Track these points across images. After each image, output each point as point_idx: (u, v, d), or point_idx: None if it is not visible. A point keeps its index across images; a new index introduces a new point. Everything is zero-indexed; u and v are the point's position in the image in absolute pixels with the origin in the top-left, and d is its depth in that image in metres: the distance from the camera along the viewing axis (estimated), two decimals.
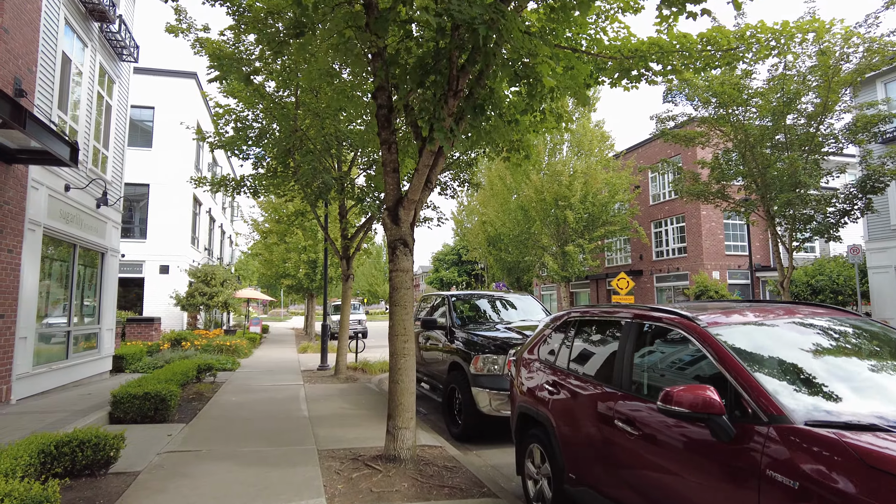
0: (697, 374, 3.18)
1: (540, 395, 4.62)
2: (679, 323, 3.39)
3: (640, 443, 3.28)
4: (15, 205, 8.00)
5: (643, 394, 3.48)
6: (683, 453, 2.94)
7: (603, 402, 3.75)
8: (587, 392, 3.99)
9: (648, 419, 3.26)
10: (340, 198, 12.32)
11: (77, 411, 7.30)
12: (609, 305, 4.42)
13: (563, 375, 4.40)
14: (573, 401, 4.12)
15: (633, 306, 4.01)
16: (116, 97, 12.46)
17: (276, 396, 9.89)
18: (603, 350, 4.21)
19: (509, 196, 31.58)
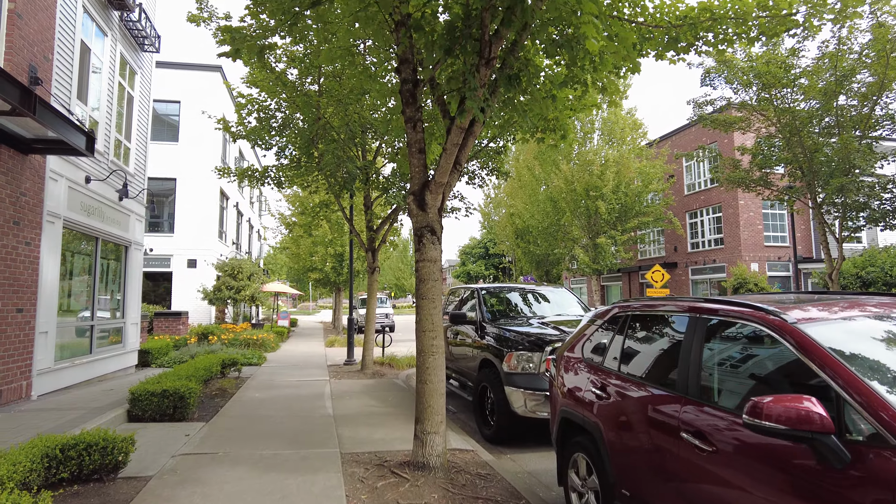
0: (787, 381, 2.63)
1: (586, 399, 4.11)
2: (761, 319, 2.83)
3: (713, 461, 2.76)
4: (32, 196, 7.78)
5: (714, 401, 2.95)
6: (772, 478, 2.41)
7: (664, 409, 3.23)
8: (644, 397, 3.47)
9: (725, 433, 2.73)
10: (365, 188, 11.92)
11: (95, 409, 7.05)
12: (668, 298, 3.87)
13: (614, 378, 3.88)
14: (627, 407, 3.60)
15: (700, 299, 3.46)
16: (138, 88, 12.26)
17: (301, 393, 9.56)
18: (661, 349, 3.67)
19: (538, 187, 30.88)
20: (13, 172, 7.30)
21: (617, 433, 3.66)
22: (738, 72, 16.24)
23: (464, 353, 8.41)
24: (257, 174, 12.68)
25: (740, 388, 2.89)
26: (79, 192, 9.29)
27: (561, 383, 4.67)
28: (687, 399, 3.08)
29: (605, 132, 28.19)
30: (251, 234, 35.54)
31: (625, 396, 3.66)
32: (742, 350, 3.06)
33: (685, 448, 2.96)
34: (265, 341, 17.66)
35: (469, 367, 8.12)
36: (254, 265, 22.86)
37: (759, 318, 2.87)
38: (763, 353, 2.90)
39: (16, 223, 7.37)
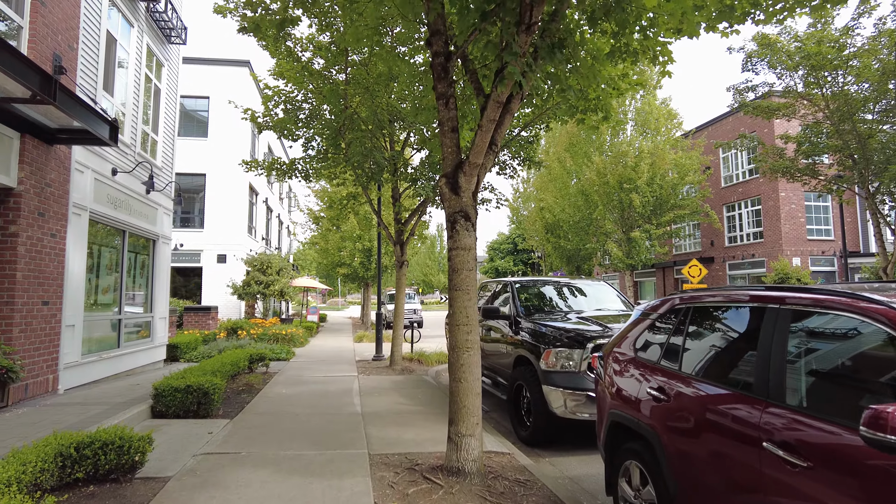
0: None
1: (640, 401, 3.68)
2: (864, 310, 2.37)
3: (808, 479, 2.31)
4: (57, 187, 7.66)
5: (806, 407, 2.49)
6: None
7: (739, 415, 2.78)
8: (712, 401, 3.02)
9: (826, 447, 2.28)
10: (393, 179, 11.61)
11: (119, 404, 6.89)
12: (740, 287, 3.40)
13: (674, 378, 3.44)
14: (691, 411, 3.16)
15: (784, 287, 2.99)
16: (165, 81, 12.16)
17: (329, 389, 9.30)
18: (733, 346, 3.22)
19: (568, 180, 30.16)
20: (38, 163, 7.17)
21: (679, 440, 3.23)
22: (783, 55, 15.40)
23: (496, 349, 8.01)
24: (284, 167, 12.47)
25: (839, 392, 2.43)
26: (105, 184, 9.18)
27: (609, 383, 4.24)
28: (769, 403, 2.63)
29: (638, 123, 27.33)
30: (281, 229, 35.69)
31: (688, 399, 3.22)
32: (837, 345, 2.60)
33: (768, 461, 2.52)
34: (294, 336, 17.55)
35: (502, 363, 7.72)
36: (283, 260, 22.83)
37: (860, 309, 2.40)
38: (864, 349, 2.43)
39: (41, 214, 7.25)
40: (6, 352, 6.50)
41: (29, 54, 7.04)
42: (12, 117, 6.69)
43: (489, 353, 8.29)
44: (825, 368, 2.60)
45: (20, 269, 6.80)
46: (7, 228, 6.76)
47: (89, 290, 8.99)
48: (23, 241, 6.85)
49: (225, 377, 8.79)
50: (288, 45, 10.76)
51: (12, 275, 6.71)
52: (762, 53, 16.02)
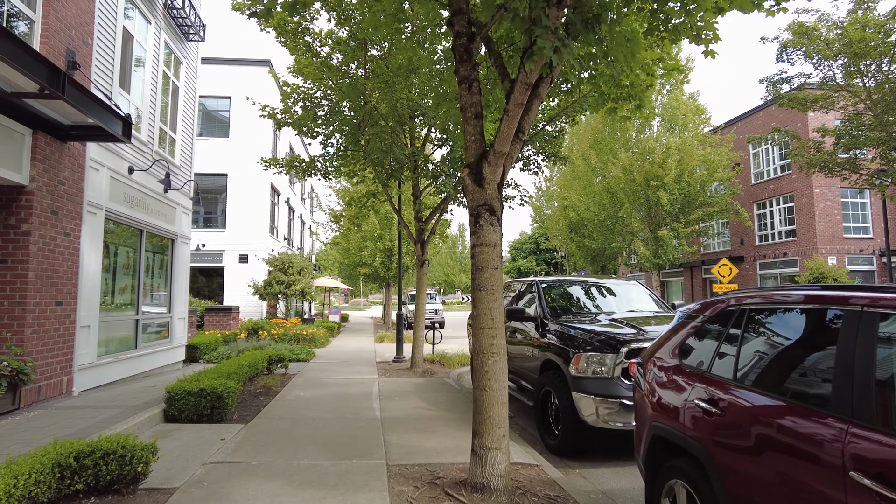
0: None
1: (687, 413, 3.27)
2: None
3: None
4: (71, 185, 7.51)
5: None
6: None
7: (815, 436, 2.37)
8: (778, 417, 2.61)
9: None
10: (414, 177, 11.29)
11: (132, 407, 6.68)
12: (806, 286, 2.98)
13: (728, 388, 3.03)
14: (751, 428, 2.75)
15: (865, 287, 2.57)
16: (184, 79, 12.04)
17: (348, 392, 9.02)
18: (803, 354, 2.80)
19: (593, 178, 29.54)
20: (50, 160, 7.02)
21: (735, 460, 2.82)
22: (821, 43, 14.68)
23: (522, 352, 7.62)
24: (304, 165, 12.26)
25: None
26: (122, 182, 9.04)
27: (650, 392, 3.84)
28: (855, 423, 2.22)
29: (665, 118, 26.61)
30: (303, 229, 35.73)
31: (747, 413, 2.81)
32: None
33: (858, 494, 2.11)
34: (315, 337, 17.37)
35: (528, 367, 7.34)
36: (304, 260, 22.72)
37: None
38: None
39: (54, 213, 7.09)
40: (17, 353, 6.34)
41: (41, 49, 6.89)
42: (24, 113, 6.53)
43: (514, 356, 7.91)
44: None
45: (32, 268, 6.64)
46: (19, 227, 6.60)
47: (105, 291, 8.85)
48: (35, 240, 6.70)
49: (241, 380, 8.57)
50: (306, 39, 10.55)
51: (24, 274, 6.56)
52: (798, 42, 15.32)
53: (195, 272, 23.11)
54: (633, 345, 5.64)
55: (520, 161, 11.79)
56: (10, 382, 6.12)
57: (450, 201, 11.39)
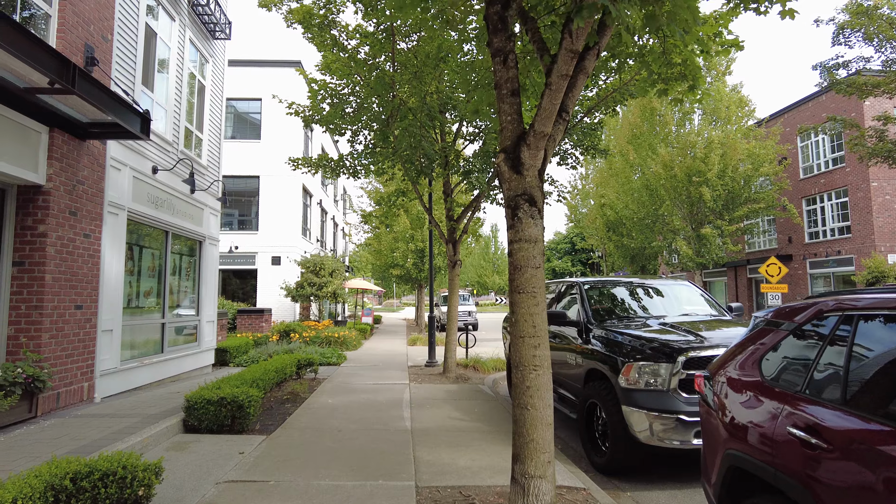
0: None
1: (777, 442, 2.66)
2: None
3: None
4: (91, 185, 7.27)
5: None
6: None
7: None
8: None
9: None
10: (444, 173, 10.79)
11: (150, 416, 6.36)
12: None
13: (835, 415, 2.41)
14: (874, 469, 2.14)
15: None
16: (210, 78, 11.83)
17: (377, 399, 8.58)
18: None
19: (631, 174, 28.54)
20: (68, 159, 6.77)
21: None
22: (884, 22, 13.59)
23: (562, 359, 7.02)
24: (332, 164, 11.92)
25: None
26: (145, 182, 8.81)
27: (722, 411, 3.24)
28: None
29: (707, 111, 25.45)
30: (336, 231, 35.69)
31: (867, 451, 2.20)
32: None
33: None
34: (346, 339, 17.07)
35: (569, 376, 6.74)
36: (336, 261, 22.51)
37: None
38: None
39: (72, 213, 6.85)
40: (34, 359, 6.09)
41: (58, 45, 6.66)
42: (40, 111, 6.29)
43: (553, 362, 7.33)
44: None
45: (49, 270, 6.40)
46: (35, 228, 6.36)
47: (129, 294, 8.63)
48: (52, 242, 6.45)
49: (267, 386, 8.23)
50: (333, 33, 10.18)
51: (41, 277, 6.31)
52: (856, 24, 14.25)
53: (229, 274, 23.18)
54: (692, 353, 5.01)
55: (557, 155, 11.17)
56: (26, 390, 5.86)
57: (482, 198, 10.85)
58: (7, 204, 6.36)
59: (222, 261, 22.60)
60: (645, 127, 26.46)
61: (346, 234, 36.48)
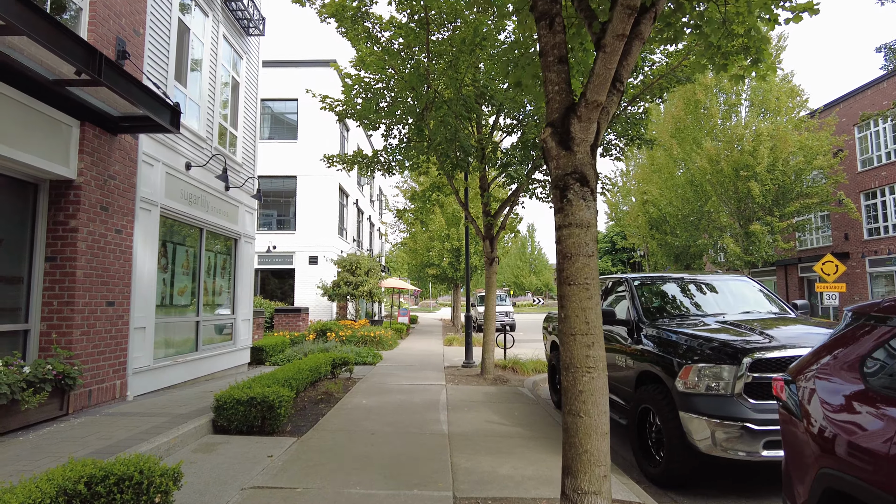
0: None
1: (891, 464, 2.19)
2: None
3: None
4: (123, 180, 7.17)
5: None
6: None
7: None
8: None
9: None
10: (481, 167, 10.41)
11: (180, 416, 6.19)
12: None
13: None
14: None
15: None
16: (245, 74, 11.76)
17: (413, 400, 8.26)
18: None
19: (675, 170, 27.53)
20: (99, 153, 6.68)
21: None
22: None
23: (610, 360, 6.52)
24: (366, 160, 11.68)
25: None
26: (179, 178, 8.72)
27: (810, 422, 2.76)
28: None
29: (755, 103, 24.28)
30: (372, 231, 35.71)
31: None
32: None
33: None
34: (382, 338, 16.86)
35: (618, 379, 6.25)
36: (371, 260, 22.38)
37: None
38: None
39: (104, 209, 6.75)
40: (65, 356, 5.99)
41: (89, 37, 6.57)
42: (71, 104, 6.20)
43: None
44: None
45: (80, 266, 6.30)
46: (67, 223, 6.28)
47: (163, 291, 8.55)
48: (83, 237, 6.35)
49: (300, 386, 8.01)
50: (366, 25, 9.92)
51: (72, 273, 6.22)
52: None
53: (267, 274, 23.34)
54: (759, 354, 4.49)
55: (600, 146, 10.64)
56: (56, 387, 5.76)
57: (521, 193, 10.41)
58: (40, 199, 6.29)
59: (260, 260, 22.79)
60: (689, 120, 25.45)
61: (382, 233, 36.43)
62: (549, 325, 9.66)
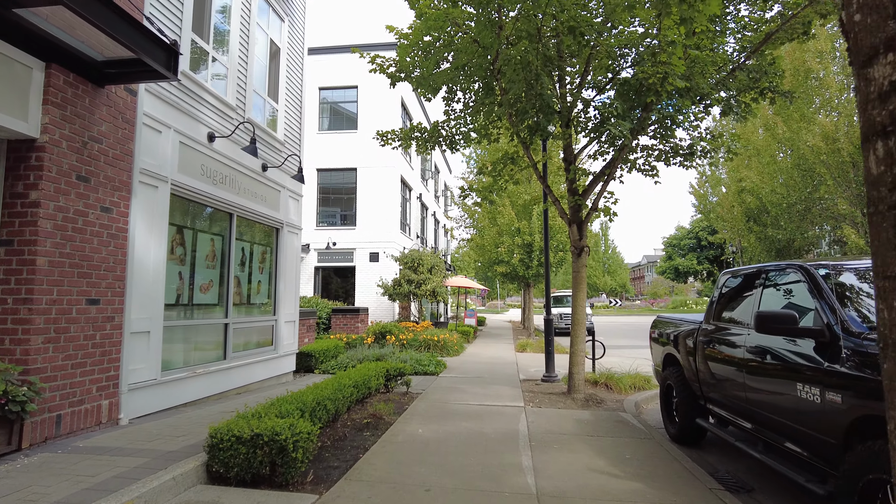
0: None
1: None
2: None
3: None
4: (113, 145, 5.65)
5: None
6: None
7: None
8: None
9: None
10: (566, 133, 8.31)
11: (168, 454, 4.53)
12: None
13: None
14: None
15: None
16: (287, 39, 10.21)
17: (484, 430, 6.30)
18: None
19: (777, 151, 24.06)
20: (75, 107, 5.16)
21: None
22: None
23: (781, 389, 4.30)
24: (426, 134, 9.86)
25: None
26: (199, 151, 7.20)
27: None
28: None
29: None
30: (437, 228, 34.06)
31: None
32: None
33: None
34: (447, 343, 15.01)
35: (805, 421, 4.00)
36: (435, 257, 20.61)
37: None
38: None
39: (82, 179, 5.23)
40: (16, 372, 4.47)
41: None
42: (32, 39, 4.70)
43: (760, 399, 4.62)
44: None
45: (45, 252, 4.78)
46: (26, 196, 4.77)
47: (178, 287, 7.04)
48: (49, 214, 4.83)
49: (340, 407, 6.24)
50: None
51: (31, 260, 4.70)
52: None
53: (329, 272, 22.10)
54: None
55: (718, 103, 8.25)
56: (1, 413, 4.23)
57: (618, 163, 8.21)
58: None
59: (320, 258, 21.56)
60: (797, 93, 21.99)
61: (447, 229, 34.66)
62: (658, 331, 7.44)
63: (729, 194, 29.54)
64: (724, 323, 5.62)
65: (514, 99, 7.30)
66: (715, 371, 5.51)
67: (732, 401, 5.11)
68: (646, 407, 8.70)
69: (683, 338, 6.41)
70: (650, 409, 8.64)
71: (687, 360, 6.22)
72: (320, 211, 22.13)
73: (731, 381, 5.10)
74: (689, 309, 45.56)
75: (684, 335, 6.40)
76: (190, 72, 7.08)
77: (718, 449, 6.20)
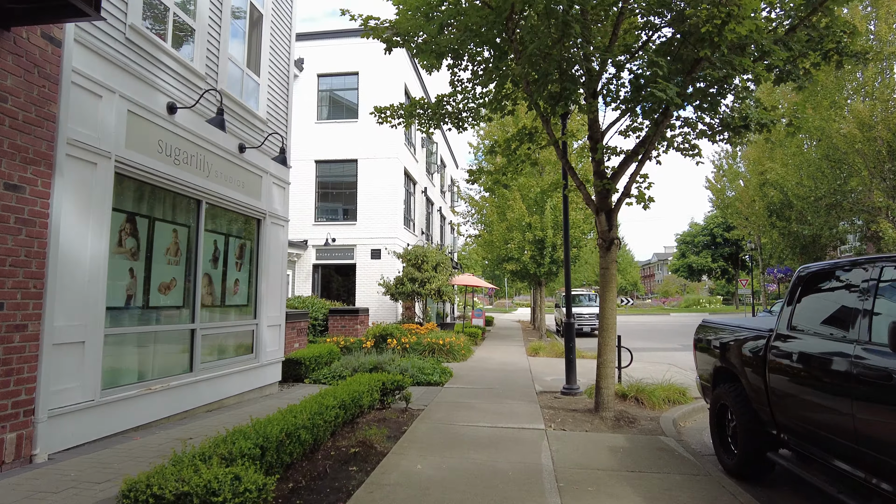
0: None
1: None
2: None
3: None
4: (23, 105, 4.43)
5: None
6: None
7: None
8: None
9: None
10: (593, 104, 7.04)
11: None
12: None
13: None
14: None
15: None
16: (271, 6, 8.99)
17: (498, 466, 5.06)
18: None
19: (803, 142, 22.65)
20: None
21: None
22: None
23: (845, 409, 3.04)
24: (429, 111, 8.63)
25: None
26: (153, 124, 5.99)
27: None
28: None
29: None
30: (443, 225, 32.81)
31: None
32: None
33: None
34: (453, 347, 13.76)
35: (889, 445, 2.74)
36: (440, 253, 19.37)
37: None
38: None
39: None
40: None
41: None
42: None
43: (882, 430, 3.37)
44: None
45: None
46: None
47: (128, 286, 5.83)
48: None
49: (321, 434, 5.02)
50: None
51: None
52: None
53: (329, 270, 20.91)
54: None
55: (775, 68, 6.94)
56: None
57: (656, 140, 6.92)
58: None
59: (319, 255, 20.38)
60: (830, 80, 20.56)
61: (454, 226, 33.38)
62: (706, 338, 6.17)
63: (749, 188, 28.14)
64: (807, 333, 4.36)
65: (536, 57, 6.04)
66: (797, 394, 4.26)
67: (828, 436, 3.85)
68: (684, 425, 7.46)
69: (745, 349, 5.16)
70: (690, 427, 7.40)
71: (752, 376, 4.96)
72: (319, 205, 20.93)
73: (828, 409, 3.85)
74: (703, 308, 44.00)
75: (746, 346, 5.16)
76: (143, 27, 5.87)
77: (791, 489, 4.94)
